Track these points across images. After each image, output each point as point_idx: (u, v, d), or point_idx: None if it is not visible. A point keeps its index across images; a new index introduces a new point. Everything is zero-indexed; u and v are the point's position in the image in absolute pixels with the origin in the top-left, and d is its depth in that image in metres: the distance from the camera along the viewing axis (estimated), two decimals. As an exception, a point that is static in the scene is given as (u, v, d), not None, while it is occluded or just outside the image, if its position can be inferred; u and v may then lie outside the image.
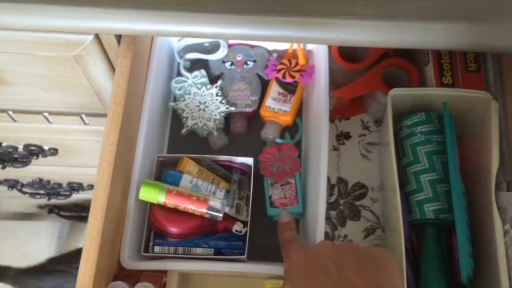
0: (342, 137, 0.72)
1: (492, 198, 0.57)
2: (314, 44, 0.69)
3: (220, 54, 0.70)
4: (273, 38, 0.51)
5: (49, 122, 0.81)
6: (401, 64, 0.68)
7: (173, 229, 0.60)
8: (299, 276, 0.47)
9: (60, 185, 1.16)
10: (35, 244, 1.54)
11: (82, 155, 0.95)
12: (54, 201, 1.23)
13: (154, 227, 0.62)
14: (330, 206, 0.69)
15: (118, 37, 0.61)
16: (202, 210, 0.60)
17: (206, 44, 0.72)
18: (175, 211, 0.61)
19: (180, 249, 0.61)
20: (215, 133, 0.69)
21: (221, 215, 0.60)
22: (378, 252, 0.45)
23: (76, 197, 1.20)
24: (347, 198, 0.69)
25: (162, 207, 0.61)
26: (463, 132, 0.66)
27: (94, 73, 0.65)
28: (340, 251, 0.46)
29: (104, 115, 0.62)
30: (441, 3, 0.49)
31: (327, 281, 0.43)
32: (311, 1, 0.48)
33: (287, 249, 0.54)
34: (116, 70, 0.59)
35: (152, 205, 0.62)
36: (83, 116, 0.80)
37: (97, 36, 0.60)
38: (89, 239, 0.52)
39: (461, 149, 0.64)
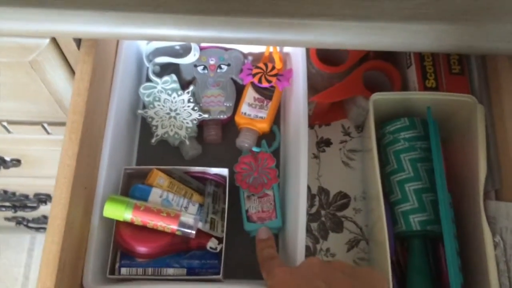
0: (322, 144, 0.68)
1: (481, 208, 0.54)
2: (291, 47, 0.65)
3: (192, 57, 0.66)
4: (245, 40, 0.47)
5: (8, 131, 0.75)
6: (382, 67, 0.64)
7: (141, 249, 0.56)
8: None
9: (26, 196, 1.10)
10: (4, 257, 1.47)
11: (46, 165, 0.89)
12: (21, 213, 1.16)
13: (120, 247, 0.57)
14: (311, 217, 0.65)
15: (78, 41, 0.56)
16: (173, 227, 0.55)
17: (177, 47, 0.68)
18: (143, 228, 0.56)
19: (150, 270, 0.56)
20: (187, 142, 0.64)
21: (193, 231, 0.56)
22: (370, 273, 0.44)
23: (45, 209, 1.14)
24: (328, 209, 0.65)
25: (129, 225, 0.56)
26: (448, 137, 0.63)
27: (53, 79, 0.60)
28: (330, 270, 0.43)
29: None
30: (422, 2, 0.45)
31: None
32: (285, 1, 0.44)
33: (269, 267, 0.50)
34: (76, 76, 0.54)
35: (118, 222, 0.57)
36: (45, 125, 0.74)
37: (54, 40, 0.55)
38: (44, 265, 0.47)
39: (446, 155, 0.61)
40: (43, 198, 1.09)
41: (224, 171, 0.61)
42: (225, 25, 0.45)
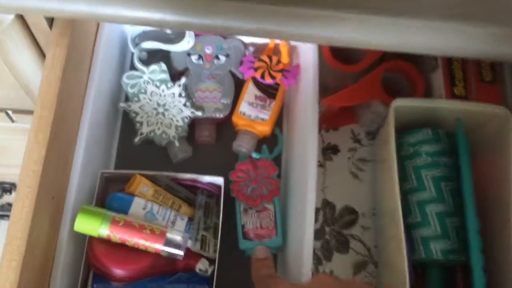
0: (329, 151, 0.61)
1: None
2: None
3: (185, 45, 0.57)
4: (255, 32, 0.38)
5: (-34, 118, 0.65)
6: (404, 69, 0.56)
7: (118, 271, 0.47)
8: None
9: (-11, 185, 0.99)
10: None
11: (11, 155, 0.79)
12: (-17, 202, 1.06)
13: (93, 267, 0.48)
14: (314, 235, 0.57)
15: (50, 19, 0.46)
16: (157, 246, 0.47)
17: (168, 32, 0.58)
18: (121, 246, 0.48)
19: (128, 296, 0.48)
20: (177, 143, 0.55)
21: (182, 253, 0.47)
22: None
23: (8, 198, 1.04)
24: (333, 226, 0.58)
25: (105, 242, 0.48)
26: (473, 152, 0.55)
27: (18, 62, 0.50)
28: None
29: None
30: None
31: None
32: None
33: (270, 285, 0.43)
34: (46, 62, 0.45)
35: (91, 238, 0.48)
36: (10, 113, 0.64)
37: (20, 16, 0.45)
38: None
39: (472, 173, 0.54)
40: (7, 187, 0.99)
41: (219, 180, 0.53)
42: (234, 11, 0.36)
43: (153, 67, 0.56)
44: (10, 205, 1.18)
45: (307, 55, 0.55)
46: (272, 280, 0.45)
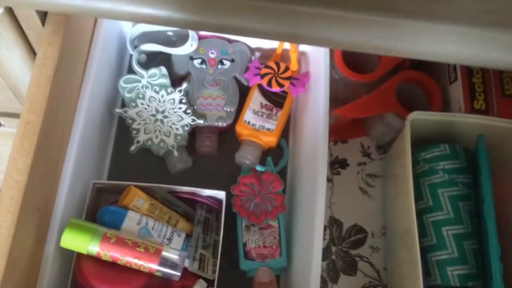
0: (337, 165, 0.57)
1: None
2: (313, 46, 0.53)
3: (187, 48, 0.53)
4: (271, 34, 0.35)
5: (-51, 120, 0.61)
6: (420, 80, 0.53)
7: (109, 292, 0.43)
8: None
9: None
10: None
11: (-1, 160, 0.74)
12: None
13: (80, 287, 0.44)
14: (320, 255, 0.54)
15: (43, 15, 0.42)
16: (152, 266, 0.43)
17: (170, 33, 0.55)
18: (112, 265, 0.43)
19: (118, 319, 0.43)
20: (175, 152, 0.52)
21: (178, 273, 0.43)
22: None
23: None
24: (341, 245, 0.54)
25: (94, 260, 0.43)
26: (492, 170, 0.52)
27: (6, 61, 0.46)
28: None
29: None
30: (515, 4, 0.34)
31: None
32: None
33: None
34: (36, 62, 0.41)
35: (79, 255, 0.44)
36: (-3, 116, 0.60)
37: (9, 10, 0.41)
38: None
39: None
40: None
41: (220, 194, 0.49)
42: (250, 11, 0.33)
43: (153, 70, 0.52)
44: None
45: (318, 63, 0.51)
46: None
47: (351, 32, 0.33)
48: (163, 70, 0.52)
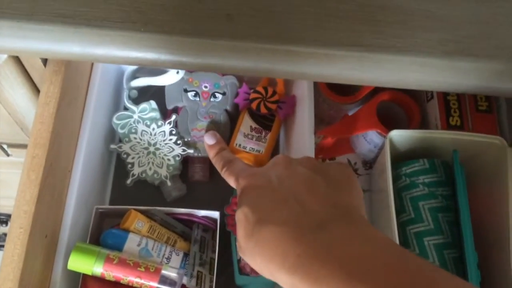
0: (325, 181, 0.60)
1: (511, 267, 0.47)
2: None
3: (172, 77, 0.56)
4: (254, 70, 0.38)
5: (-40, 152, 0.65)
6: (400, 100, 0.57)
7: (113, 310, 0.46)
8: (251, 197, 0.36)
9: (-16, 216, 0.98)
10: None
11: (7, 187, 0.78)
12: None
13: (87, 307, 0.47)
14: (312, 268, 0.56)
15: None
16: (152, 284, 0.46)
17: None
18: (116, 285, 0.47)
19: (122, 335, 0.47)
20: (169, 182, 0.55)
21: (177, 291, 0.47)
22: (336, 168, 0.36)
23: (5, 229, 1.02)
24: (331, 258, 0.57)
25: (99, 280, 0.47)
26: (469, 182, 0.55)
27: (12, 99, 0.50)
28: (293, 166, 0.36)
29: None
30: (471, 35, 0.38)
31: (272, 195, 0.34)
32: (305, 27, 0.36)
33: (232, 172, 0.42)
34: (40, 100, 0.44)
35: (85, 276, 0.47)
36: (4, 147, 0.64)
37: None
38: None
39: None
40: (4, 219, 0.98)
41: (215, 214, 0.52)
42: (230, 51, 0.36)
43: (143, 105, 0.55)
44: (5, 235, 1.17)
45: (303, 86, 0.55)
46: (234, 165, 0.43)
47: (322, 66, 0.37)
48: (153, 104, 0.55)
